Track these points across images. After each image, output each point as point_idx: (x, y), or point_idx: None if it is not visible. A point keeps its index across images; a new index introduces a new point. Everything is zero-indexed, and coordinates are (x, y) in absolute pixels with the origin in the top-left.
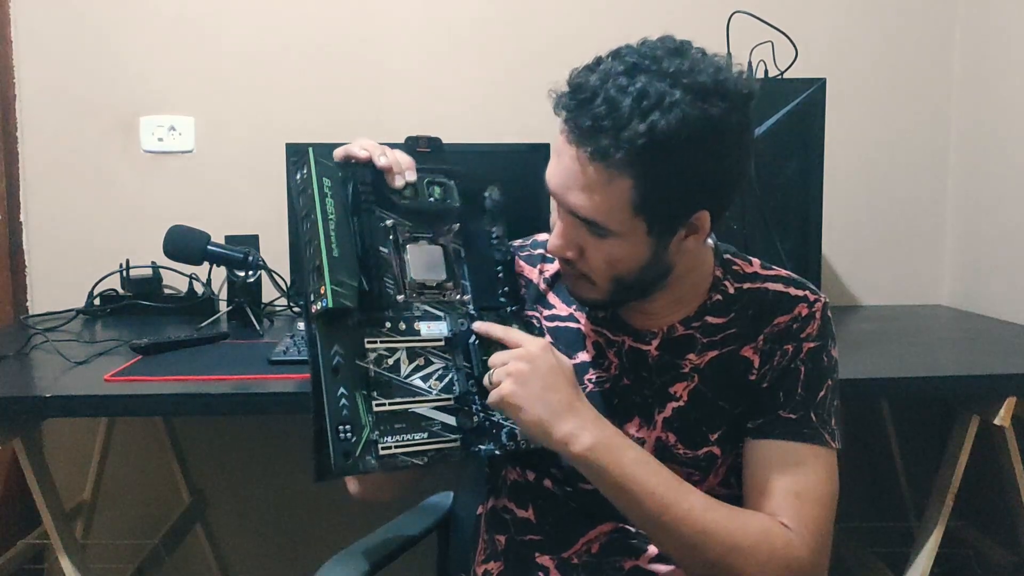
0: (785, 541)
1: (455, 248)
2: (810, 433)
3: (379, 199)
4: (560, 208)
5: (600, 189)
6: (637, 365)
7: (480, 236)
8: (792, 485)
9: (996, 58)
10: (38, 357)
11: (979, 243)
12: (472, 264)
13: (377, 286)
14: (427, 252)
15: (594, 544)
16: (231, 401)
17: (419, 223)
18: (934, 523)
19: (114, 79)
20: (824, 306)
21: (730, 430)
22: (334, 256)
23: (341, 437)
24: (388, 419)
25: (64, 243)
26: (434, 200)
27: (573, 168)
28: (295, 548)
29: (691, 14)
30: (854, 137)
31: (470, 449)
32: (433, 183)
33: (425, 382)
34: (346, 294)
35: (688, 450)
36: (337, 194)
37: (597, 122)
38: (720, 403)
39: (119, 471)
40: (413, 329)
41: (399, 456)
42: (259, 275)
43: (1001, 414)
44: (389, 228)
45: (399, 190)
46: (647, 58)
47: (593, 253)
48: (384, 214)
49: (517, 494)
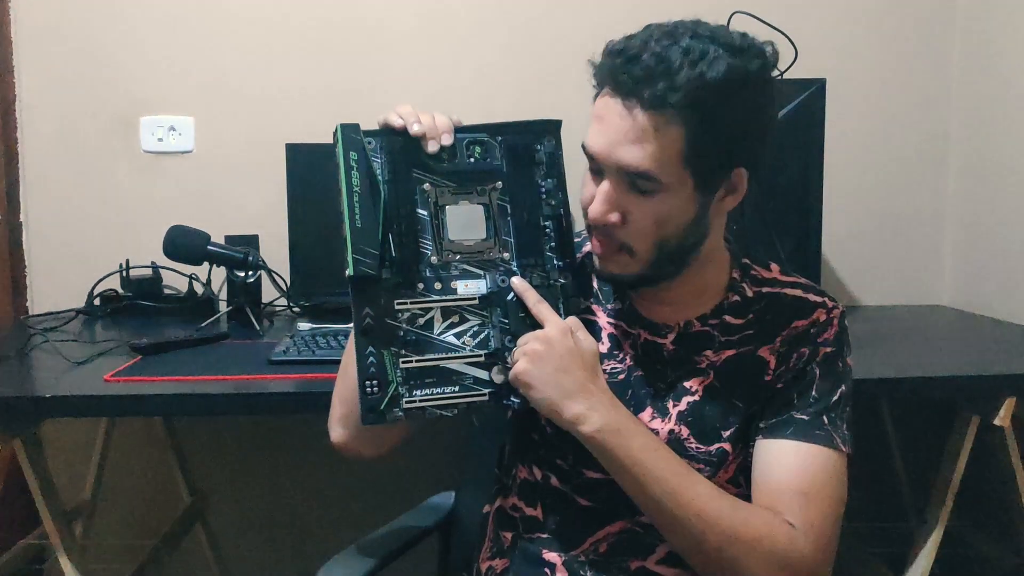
0: (788, 539)
1: (500, 205)
2: (821, 435)
3: (416, 164)
4: (606, 171)
5: (652, 138)
6: (651, 358)
7: (529, 190)
8: (800, 485)
9: (996, 58)
10: (38, 357)
11: (979, 243)
12: (517, 220)
13: (412, 250)
14: (467, 212)
15: (602, 544)
16: (231, 401)
17: (461, 183)
18: (934, 523)
19: (114, 79)
20: (842, 314)
21: (742, 428)
22: (357, 227)
23: (368, 392)
24: (417, 374)
25: (64, 243)
26: (475, 160)
27: (622, 123)
28: (295, 548)
29: (691, 14)
30: (854, 137)
31: (500, 402)
32: (474, 143)
33: (459, 339)
34: (367, 263)
35: (700, 445)
36: (364, 165)
37: (649, 71)
38: (734, 401)
39: (119, 471)
40: (450, 288)
41: (427, 408)
42: (259, 275)
43: (1001, 414)
44: (427, 191)
45: (435, 155)
46: (684, 27)
47: (639, 214)
48: (423, 176)
49: (526, 493)
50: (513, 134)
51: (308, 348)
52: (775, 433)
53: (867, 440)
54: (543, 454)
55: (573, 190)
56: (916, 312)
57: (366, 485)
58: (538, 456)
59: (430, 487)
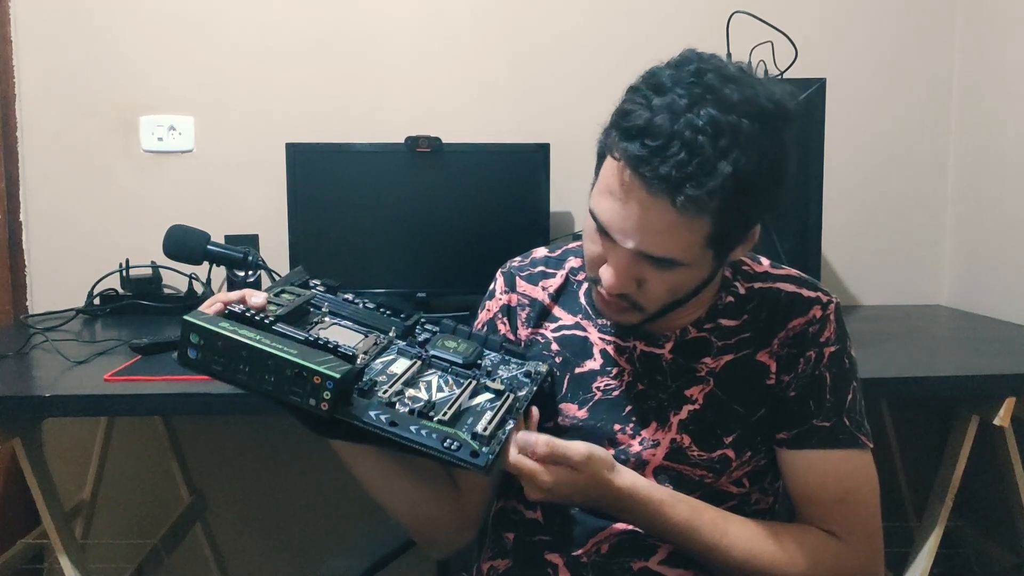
0: (835, 555)
1: (343, 316)
2: (845, 439)
3: (258, 325)
4: (616, 245)
5: (679, 232)
6: (651, 369)
7: (345, 305)
8: (836, 492)
9: (996, 58)
10: (38, 357)
11: (979, 243)
12: (366, 316)
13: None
14: (332, 330)
15: (604, 544)
16: (231, 401)
17: (303, 319)
18: (934, 523)
19: (114, 79)
20: (837, 307)
21: (745, 434)
22: (295, 351)
23: (454, 449)
24: (456, 419)
25: (64, 243)
26: (294, 299)
27: (647, 215)
28: (295, 548)
29: (691, 14)
30: (854, 137)
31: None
32: (281, 292)
33: (443, 391)
34: (337, 362)
35: (702, 452)
36: (236, 324)
37: (681, 170)
38: (736, 407)
39: (119, 471)
40: (390, 374)
41: (495, 433)
42: (259, 275)
43: (1000, 414)
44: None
45: (264, 312)
46: (699, 86)
47: (655, 285)
48: (275, 330)
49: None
50: (288, 283)
51: None
52: (800, 444)
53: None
54: None
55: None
56: (916, 312)
57: None
58: None
59: None
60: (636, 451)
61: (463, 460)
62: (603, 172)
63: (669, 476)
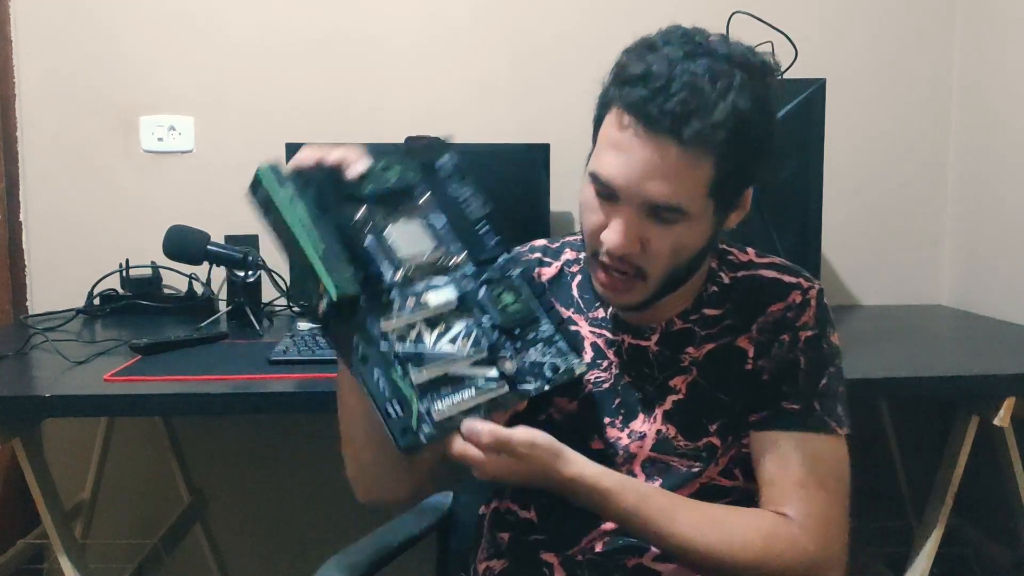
0: (789, 539)
1: (433, 216)
2: (814, 422)
3: (342, 194)
4: (623, 200)
5: (684, 174)
6: (638, 361)
7: (451, 199)
8: (797, 475)
9: (996, 58)
10: (38, 357)
11: (979, 243)
12: (455, 225)
13: (373, 276)
14: (407, 230)
15: (598, 542)
16: (231, 401)
17: (388, 205)
18: (934, 523)
19: (114, 79)
20: (819, 293)
21: (729, 421)
22: (321, 251)
23: (392, 416)
24: (431, 387)
25: (64, 243)
26: (395, 180)
27: (651, 157)
28: (295, 548)
29: (691, 14)
30: (854, 137)
31: (518, 390)
32: (388, 166)
33: (453, 344)
34: (347, 280)
35: (688, 441)
36: (302, 197)
37: (684, 107)
38: (718, 395)
39: (119, 471)
40: (421, 303)
41: (455, 416)
42: (259, 275)
43: (1000, 414)
44: (361, 220)
45: (357, 182)
46: (690, 44)
47: (658, 243)
48: (352, 206)
49: (519, 495)
50: (418, 154)
51: (308, 348)
52: (767, 426)
53: (867, 440)
54: None
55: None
56: (916, 312)
57: None
58: None
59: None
60: (625, 444)
61: (391, 430)
62: (603, 132)
63: (657, 469)
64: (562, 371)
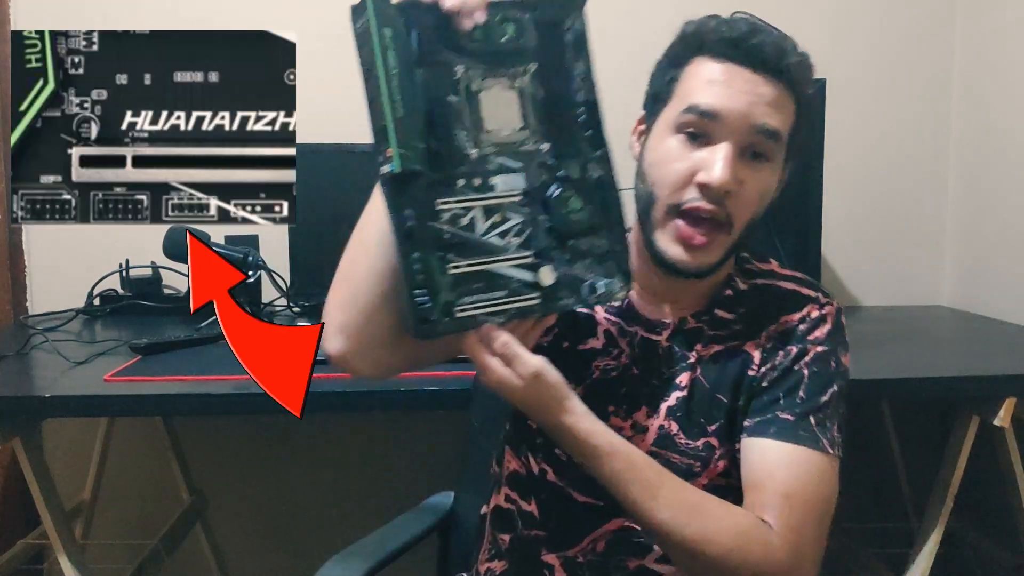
0: (763, 543)
1: (532, 91)
2: (806, 436)
3: (446, 44)
4: (725, 134)
5: (781, 106)
6: (648, 355)
7: (561, 75)
8: (782, 486)
9: (996, 58)
10: (38, 357)
11: (979, 243)
12: (551, 108)
13: (447, 143)
14: (501, 99)
15: (599, 542)
16: (231, 401)
17: (492, 66)
18: (934, 523)
19: None
20: (837, 311)
21: (727, 424)
22: (398, 115)
23: (418, 302)
24: (465, 280)
25: (64, 243)
26: (507, 39)
27: (756, 88)
28: (295, 548)
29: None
30: (854, 137)
31: (550, 305)
32: (506, 20)
33: (503, 239)
34: (412, 156)
35: (689, 440)
36: (399, 45)
37: (778, 46)
38: (718, 395)
39: (119, 471)
40: (488, 185)
41: (477, 316)
42: (259, 275)
43: (1001, 415)
44: (458, 76)
45: (468, 32)
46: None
47: (751, 184)
48: (453, 59)
49: (519, 485)
50: (543, 8)
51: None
52: (758, 432)
53: (867, 440)
54: (540, 443)
55: None
56: (916, 312)
57: (366, 485)
58: (535, 445)
59: (430, 487)
60: (627, 435)
61: (411, 312)
62: (689, 81)
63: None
64: (601, 292)
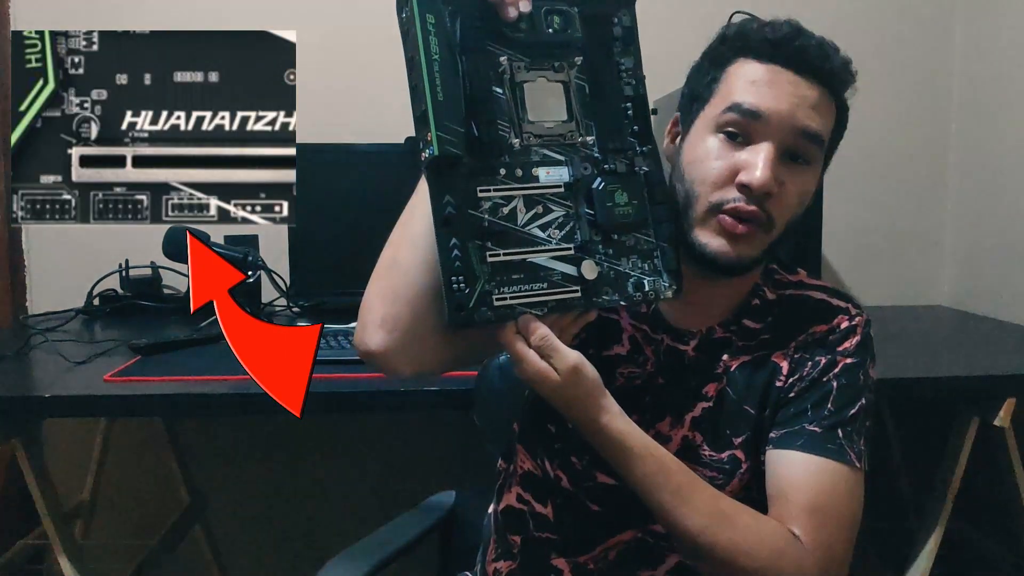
0: (796, 562)
1: (578, 84)
2: (833, 449)
3: (491, 34)
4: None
5: (822, 109)
6: (673, 364)
7: (608, 69)
8: (811, 500)
9: (996, 58)
10: (38, 357)
11: (979, 243)
12: (598, 101)
13: (490, 131)
14: (546, 90)
15: (612, 552)
16: (231, 401)
17: (537, 58)
18: (934, 523)
19: None
20: (867, 323)
21: (754, 436)
22: (439, 100)
23: (455, 289)
24: (504, 269)
25: (64, 243)
26: (553, 31)
27: (798, 91)
28: (295, 548)
29: (691, 13)
30: (854, 138)
31: (592, 299)
32: (552, 12)
33: (544, 231)
34: (453, 141)
35: (714, 452)
36: (442, 32)
37: (822, 49)
38: (745, 407)
39: (119, 471)
40: (531, 175)
41: (516, 307)
42: (259, 275)
43: (1001, 415)
44: (503, 66)
45: (514, 23)
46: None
47: (791, 187)
48: (497, 50)
49: (533, 487)
50: (591, 4)
51: None
52: (785, 444)
53: (867, 440)
54: (558, 448)
55: None
56: (916, 312)
57: (366, 485)
58: (551, 450)
59: (430, 487)
60: None
61: (447, 301)
62: (731, 81)
63: None
64: (647, 291)
